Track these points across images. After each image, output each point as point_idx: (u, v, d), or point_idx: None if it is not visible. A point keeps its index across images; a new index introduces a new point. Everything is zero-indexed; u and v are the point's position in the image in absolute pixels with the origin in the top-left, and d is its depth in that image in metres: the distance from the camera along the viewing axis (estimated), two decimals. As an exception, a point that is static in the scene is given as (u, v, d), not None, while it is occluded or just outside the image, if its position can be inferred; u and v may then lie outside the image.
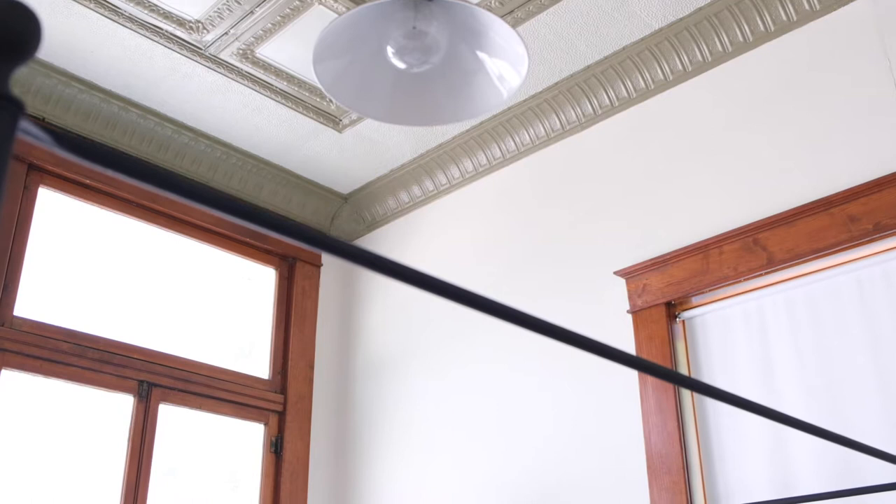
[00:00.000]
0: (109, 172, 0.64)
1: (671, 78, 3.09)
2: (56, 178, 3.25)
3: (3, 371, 2.91)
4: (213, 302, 3.64)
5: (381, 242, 4.04)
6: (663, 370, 1.06)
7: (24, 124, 0.60)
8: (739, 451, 2.58)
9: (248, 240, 3.76)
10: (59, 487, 2.95)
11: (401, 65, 1.47)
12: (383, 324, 3.84)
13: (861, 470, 2.32)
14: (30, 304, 3.06)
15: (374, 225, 4.11)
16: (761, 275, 2.66)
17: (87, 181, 3.29)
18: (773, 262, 2.62)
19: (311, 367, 3.80)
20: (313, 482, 3.62)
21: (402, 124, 1.60)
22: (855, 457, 2.34)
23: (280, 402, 3.64)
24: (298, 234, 0.73)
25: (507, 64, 1.48)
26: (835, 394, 2.43)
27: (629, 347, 2.89)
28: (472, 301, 0.84)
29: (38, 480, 2.91)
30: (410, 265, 0.72)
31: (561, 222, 3.28)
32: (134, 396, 3.21)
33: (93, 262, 3.30)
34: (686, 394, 2.74)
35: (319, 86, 1.51)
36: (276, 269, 3.90)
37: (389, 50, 1.46)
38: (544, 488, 2.98)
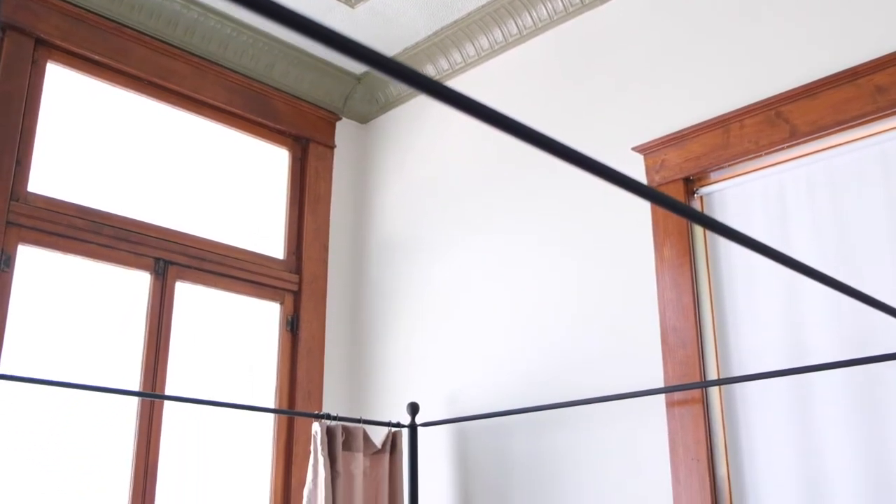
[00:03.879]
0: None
1: (696, -54, 2.97)
2: (64, 54, 3.19)
3: (19, 246, 2.92)
4: (227, 182, 3.62)
5: (396, 124, 3.98)
6: (676, 203, 1.03)
7: None
8: (754, 324, 2.58)
9: (260, 120, 3.71)
10: (78, 362, 3.00)
11: None
12: (397, 204, 3.83)
13: (875, 340, 2.32)
14: (43, 180, 3.04)
15: (387, 106, 4.04)
16: (783, 148, 2.61)
17: (96, 56, 3.23)
18: (795, 136, 2.56)
19: (326, 248, 3.80)
20: (329, 360, 3.67)
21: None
22: (869, 327, 2.34)
23: (295, 282, 3.66)
24: (354, 51, 0.70)
25: None
26: (853, 269, 2.41)
27: (646, 223, 2.87)
28: (524, 134, 0.82)
29: (57, 354, 2.96)
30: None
31: (579, 98, 3.22)
32: (150, 274, 3.23)
33: (104, 139, 3.27)
34: (702, 269, 2.73)
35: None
36: (289, 151, 3.87)
37: None
38: (557, 364, 3.01)
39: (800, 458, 2.40)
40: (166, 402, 3.14)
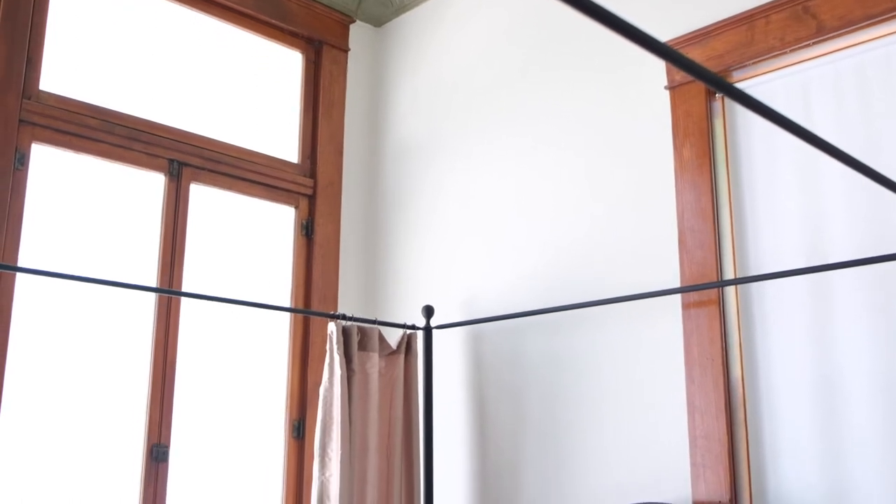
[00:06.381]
0: None
1: None
2: (72, -51, 3.12)
3: (33, 145, 2.91)
4: (240, 84, 3.57)
5: (410, 27, 3.90)
6: (692, 64, 1.00)
7: None
8: (773, 226, 2.55)
9: (273, 21, 3.64)
10: (94, 262, 3.01)
11: None
12: (411, 109, 3.78)
13: (893, 240, 2.29)
14: (55, 78, 3.01)
15: (401, 9, 3.96)
16: (809, 45, 2.54)
17: (105, -48, 3.16)
18: (822, 31, 2.49)
19: (340, 153, 3.77)
20: (344, 264, 3.68)
21: None
22: (888, 227, 2.31)
23: (310, 186, 3.64)
24: None
25: None
26: (879, 169, 2.37)
27: (666, 124, 2.82)
28: None
29: (73, 254, 2.97)
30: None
31: (599, -3, 3.14)
32: (165, 175, 3.21)
33: (116, 38, 3.22)
34: (721, 170, 2.69)
35: None
36: (303, 54, 3.80)
37: None
38: (573, 265, 3.00)
39: (815, 359, 2.40)
40: (183, 303, 3.16)
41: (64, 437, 2.84)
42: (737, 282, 2.49)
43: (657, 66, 2.88)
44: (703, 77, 0.99)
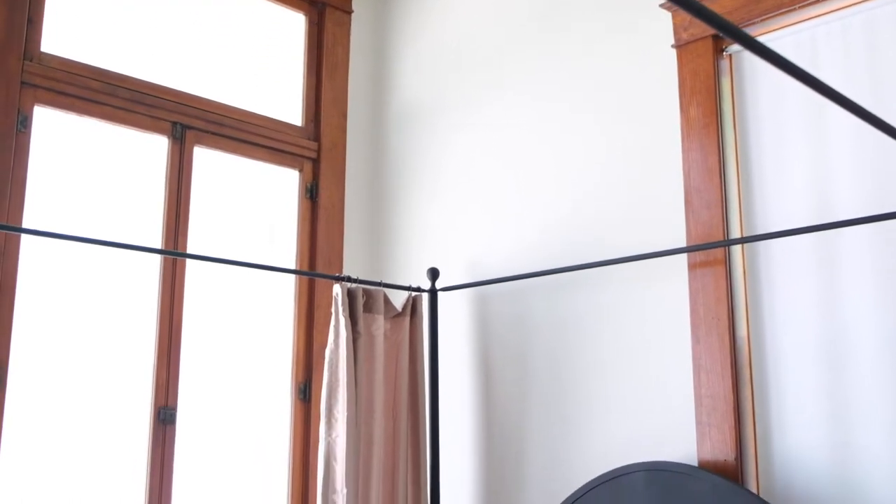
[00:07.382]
0: None
1: None
2: None
3: (35, 107, 2.89)
4: (243, 46, 3.54)
5: (414, -13, 3.86)
6: (715, 16, 0.98)
7: None
8: (780, 186, 2.54)
9: (275, -18, 3.61)
10: (98, 226, 3.00)
11: None
12: (416, 71, 3.75)
13: (906, 198, 2.28)
14: (56, 40, 2.98)
15: (406, -31, 3.91)
16: (818, 1, 2.51)
17: (105, -89, 3.12)
18: (832, -13, 2.46)
19: (344, 116, 3.75)
20: (349, 227, 3.67)
21: None
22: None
23: (314, 150, 3.62)
24: None
25: None
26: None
27: (672, 83, 2.80)
28: None
29: (76, 217, 2.96)
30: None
31: (605, -45, 3.10)
32: (168, 138, 3.19)
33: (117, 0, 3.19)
34: (728, 130, 2.67)
35: None
36: (306, 15, 3.77)
37: None
38: (578, 226, 2.99)
39: (821, 317, 2.40)
40: (188, 266, 3.16)
41: (71, 401, 2.86)
42: (743, 241, 2.47)
43: (664, 25, 2.85)
44: (725, 28, 0.97)
